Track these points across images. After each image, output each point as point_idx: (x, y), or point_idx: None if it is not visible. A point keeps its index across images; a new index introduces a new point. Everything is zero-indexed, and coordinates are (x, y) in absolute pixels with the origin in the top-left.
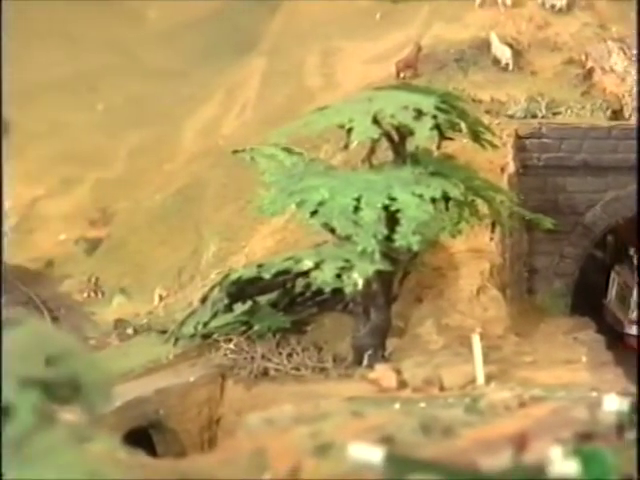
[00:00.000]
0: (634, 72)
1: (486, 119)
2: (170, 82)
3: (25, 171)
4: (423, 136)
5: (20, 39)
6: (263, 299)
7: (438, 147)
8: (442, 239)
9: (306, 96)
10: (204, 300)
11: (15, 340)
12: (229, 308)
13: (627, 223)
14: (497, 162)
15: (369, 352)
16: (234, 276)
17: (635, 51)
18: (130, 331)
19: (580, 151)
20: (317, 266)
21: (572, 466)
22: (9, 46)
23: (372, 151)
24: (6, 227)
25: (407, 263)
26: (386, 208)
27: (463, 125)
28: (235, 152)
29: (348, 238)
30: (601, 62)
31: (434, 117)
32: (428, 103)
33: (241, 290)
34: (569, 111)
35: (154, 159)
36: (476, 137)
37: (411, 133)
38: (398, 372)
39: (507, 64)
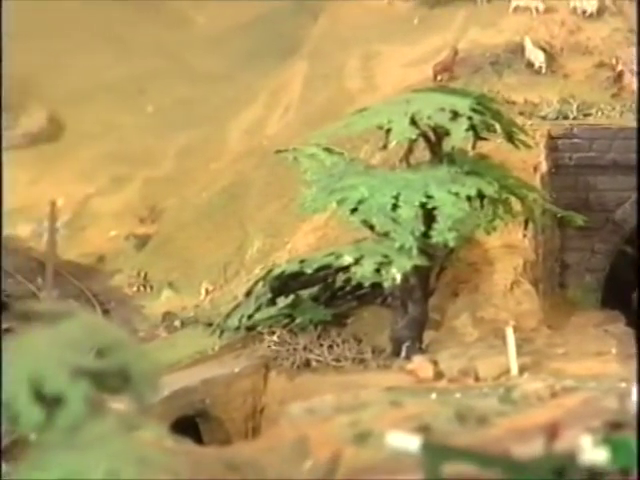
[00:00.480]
0: None
1: (520, 120)
2: (216, 85)
3: (78, 170)
4: (459, 136)
5: (74, 44)
6: (305, 293)
7: (473, 147)
8: (477, 235)
9: (346, 98)
10: (248, 294)
11: (67, 332)
12: (272, 302)
13: None
14: (530, 161)
15: (407, 344)
16: (277, 271)
17: None
18: (177, 324)
19: (610, 151)
20: (357, 261)
21: (602, 454)
22: (64, 51)
23: (410, 151)
24: (59, 224)
25: (443, 258)
26: (423, 206)
27: (497, 126)
28: (278, 152)
29: (387, 235)
30: (630, 65)
31: (469, 118)
32: (464, 105)
33: (284, 284)
34: (599, 113)
35: (201, 158)
36: (510, 137)
37: (447, 134)
38: (435, 363)
39: (540, 67)
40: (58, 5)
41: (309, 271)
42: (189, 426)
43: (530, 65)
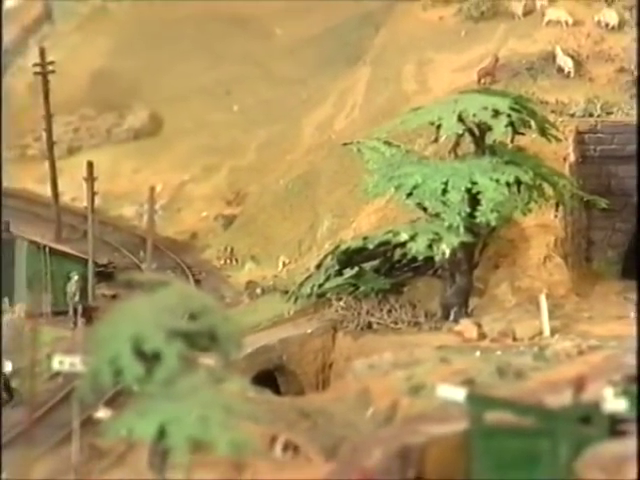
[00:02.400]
0: None
1: (551, 117)
2: (292, 87)
3: (174, 161)
4: (499, 131)
5: (173, 53)
6: (367, 265)
7: (512, 140)
8: (515, 216)
9: (403, 99)
10: (319, 266)
11: (164, 298)
12: (339, 273)
13: None
14: (560, 153)
15: (455, 309)
16: (344, 246)
17: None
18: (258, 291)
19: (629, 144)
20: (412, 238)
21: (622, 403)
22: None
23: (457, 144)
24: (157, 206)
25: (486, 236)
26: (469, 191)
27: (532, 122)
28: (345, 145)
29: (437, 215)
30: None
31: (509, 116)
32: (504, 104)
33: (349, 258)
34: (620, 111)
35: (278, 151)
36: (543, 132)
37: (489, 129)
38: (478, 326)
39: (569, 72)
40: (162, 21)
41: (371, 246)
42: (268, 379)
43: (560, 70)
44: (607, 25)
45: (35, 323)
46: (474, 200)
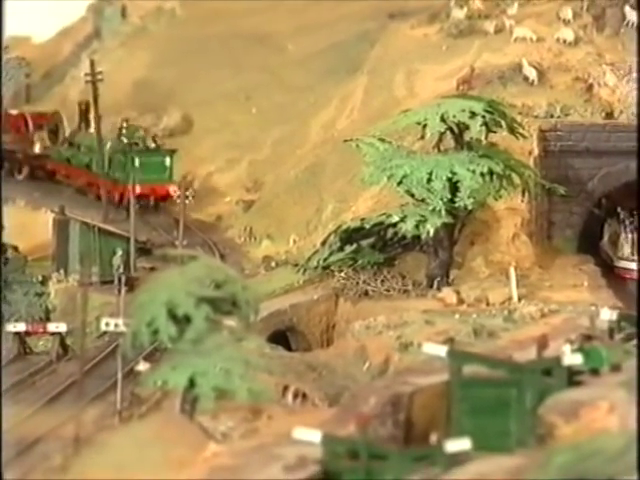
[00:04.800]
0: (621, 86)
1: (519, 118)
2: (302, 93)
3: (202, 155)
4: (475, 130)
5: (202, 64)
6: (364, 242)
7: (486, 137)
8: (488, 201)
9: (394, 103)
10: (324, 243)
11: (193, 270)
12: (341, 249)
13: (616, 190)
14: (526, 148)
15: (438, 279)
16: (345, 227)
17: (622, 72)
18: (273, 264)
19: (583, 140)
20: (402, 220)
21: (578, 358)
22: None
23: (440, 140)
24: (188, 192)
25: (464, 218)
26: (449, 179)
27: (503, 122)
28: (346, 141)
29: (423, 200)
30: (598, 79)
31: (483, 117)
32: (479, 107)
33: (349, 236)
34: (576, 113)
35: (290, 146)
36: (512, 131)
37: (467, 128)
38: (457, 293)
39: (533, 81)
40: (193, 38)
41: (367, 227)
42: (281, 338)
43: (526, 79)
44: (565, 41)
45: (86, 291)
46: (454, 187)
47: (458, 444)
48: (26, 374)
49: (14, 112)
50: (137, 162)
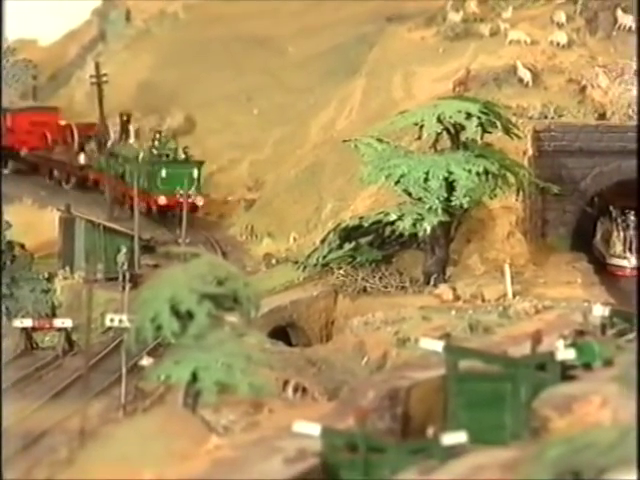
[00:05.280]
0: (613, 88)
1: (514, 119)
2: (302, 95)
3: (205, 155)
4: (471, 131)
5: (205, 67)
6: (363, 240)
7: (481, 138)
8: (484, 200)
9: (392, 104)
10: (323, 241)
11: (196, 267)
12: (340, 246)
13: (608, 189)
14: (521, 148)
15: (434, 276)
16: (343, 225)
17: (614, 74)
18: (274, 262)
19: (577, 141)
20: (399, 218)
21: (571, 353)
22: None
23: (436, 141)
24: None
25: (460, 216)
26: (446, 179)
27: (498, 123)
28: (345, 141)
29: (420, 199)
30: (591, 81)
31: (479, 118)
32: (475, 108)
33: (348, 234)
34: (569, 114)
35: (290, 146)
36: (507, 131)
37: (463, 128)
38: (454, 290)
39: (528, 82)
40: (195, 41)
41: (366, 225)
42: (281, 333)
43: (521, 81)
44: (558, 44)
45: (91, 287)
46: (450, 187)
47: (454, 437)
48: (33, 369)
49: (62, 122)
50: (164, 173)
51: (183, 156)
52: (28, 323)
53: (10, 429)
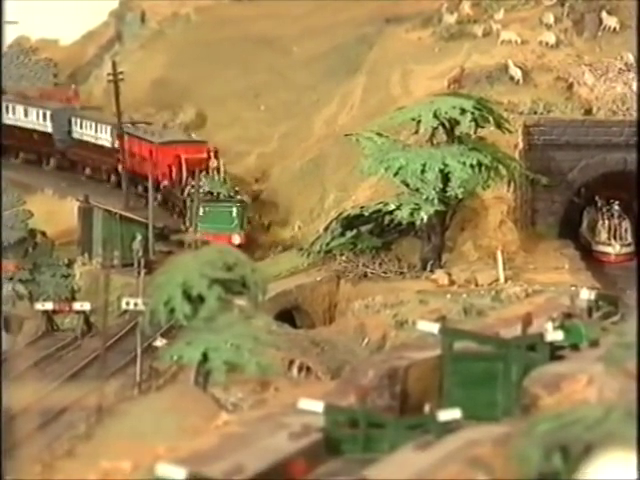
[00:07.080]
0: (599, 85)
1: (505, 115)
2: (306, 92)
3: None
4: (465, 125)
5: (215, 65)
6: (364, 228)
7: (475, 132)
8: (477, 190)
9: (391, 100)
10: (326, 229)
11: (206, 254)
12: (342, 234)
13: (594, 180)
14: (512, 142)
15: (431, 262)
16: (345, 214)
17: (599, 72)
18: (279, 249)
19: (564, 135)
20: (398, 207)
21: (559, 335)
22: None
23: (433, 135)
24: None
25: (455, 206)
26: (442, 171)
27: (491, 118)
28: (346, 135)
29: (417, 190)
30: (577, 79)
31: (472, 113)
32: (468, 104)
33: (350, 223)
34: (557, 110)
35: (295, 140)
36: (499, 126)
37: (457, 123)
38: (449, 275)
39: (518, 80)
40: (206, 42)
41: (366, 214)
42: (287, 316)
43: (512, 78)
44: (547, 44)
45: (108, 273)
46: (446, 178)
47: (449, 414)
48: (53, 349)
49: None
50: (201, 211)
51: (230, 194)
52: (49, 306)
53: (32, 406)
